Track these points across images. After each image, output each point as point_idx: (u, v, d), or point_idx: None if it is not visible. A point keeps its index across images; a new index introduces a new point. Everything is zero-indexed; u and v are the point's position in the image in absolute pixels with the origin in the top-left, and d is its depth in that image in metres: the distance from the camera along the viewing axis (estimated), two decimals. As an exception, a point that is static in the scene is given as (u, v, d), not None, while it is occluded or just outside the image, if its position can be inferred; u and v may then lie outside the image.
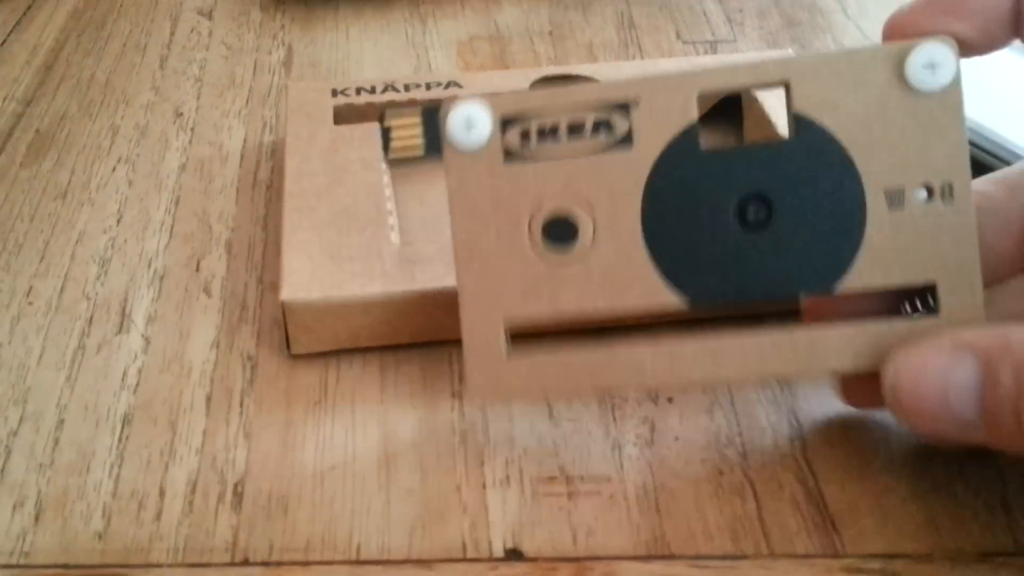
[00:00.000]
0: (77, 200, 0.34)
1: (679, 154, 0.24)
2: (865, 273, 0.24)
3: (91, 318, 0.30)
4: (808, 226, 0.24)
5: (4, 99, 0.40)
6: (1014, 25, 0.23)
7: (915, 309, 0.25)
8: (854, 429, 0.26)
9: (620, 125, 0.24)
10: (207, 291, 0.31)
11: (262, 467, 0.25)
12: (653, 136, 0.24)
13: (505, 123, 0.24)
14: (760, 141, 0.24)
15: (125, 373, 0.28)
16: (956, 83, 0.23)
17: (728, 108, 0.34)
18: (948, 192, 0.23)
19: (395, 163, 0.34)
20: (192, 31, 0.44)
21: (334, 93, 0.35)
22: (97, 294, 0.31)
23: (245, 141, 0.37)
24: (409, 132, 0.31)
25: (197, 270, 0.32)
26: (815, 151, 0.23)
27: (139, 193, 0.35)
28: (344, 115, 0.34)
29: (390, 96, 0.35)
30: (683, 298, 0.24)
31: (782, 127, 0.27)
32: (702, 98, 0.24)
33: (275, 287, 0.30)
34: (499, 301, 0.24)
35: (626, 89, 0.24)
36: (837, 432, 0.26)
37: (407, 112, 0.28)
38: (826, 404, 0.27)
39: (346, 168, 0.31)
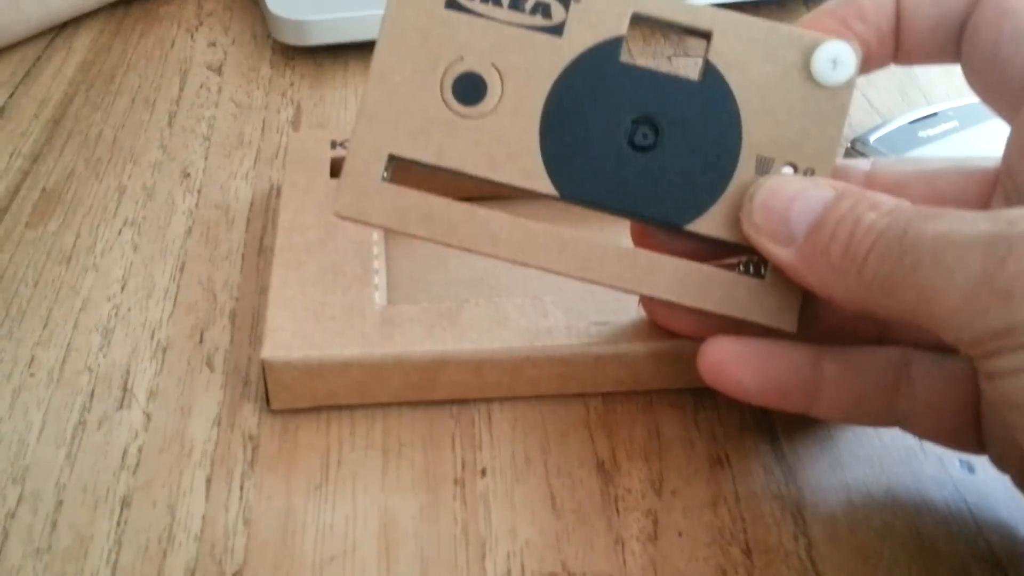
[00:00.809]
0: (82, 265, 0.34)
1: (598, 59, 0.26)
2: (715, 221, 0.26)
3: (92, 391, 0.30)
4: (683, 163, 0.26)
5: (11, 155, 0.40)
6: (894, 45, 0.26)
7: (746, 271, 0.26)
8: (860, 528, 0.26)
9: (557, 13, 0.26)
10: (210, 365, 0.31)
11: (261, 557, 0.25)
12: (582, 35, 0.26)
13: None
14: (674, 74, 0.26)
15: (125, 452, 0.28)
16: (850, 84, 0.25)
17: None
18: (809, 176, 0.25)
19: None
20: (201, 87, 0.44)
21: (333, 145, 0.36)
22: (99, 366, 0.30)
23: (252, 204, 0.37)
24: None
25: (200, 342, 0.31)
26: (713, 99, 0.26)
27: (144, 258, 0.35)
28: (341, 168, 0.35)
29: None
30: (555, 189, 0.26)
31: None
32: (636, 18, 0.26)
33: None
34: (392, 131, 0.26)
35: None
36: (843, 531, 0.26)
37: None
38: (832, 501, 0.27)
39: (337, 224, 0.32)
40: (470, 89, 0.26)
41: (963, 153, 0.38)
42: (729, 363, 0.26)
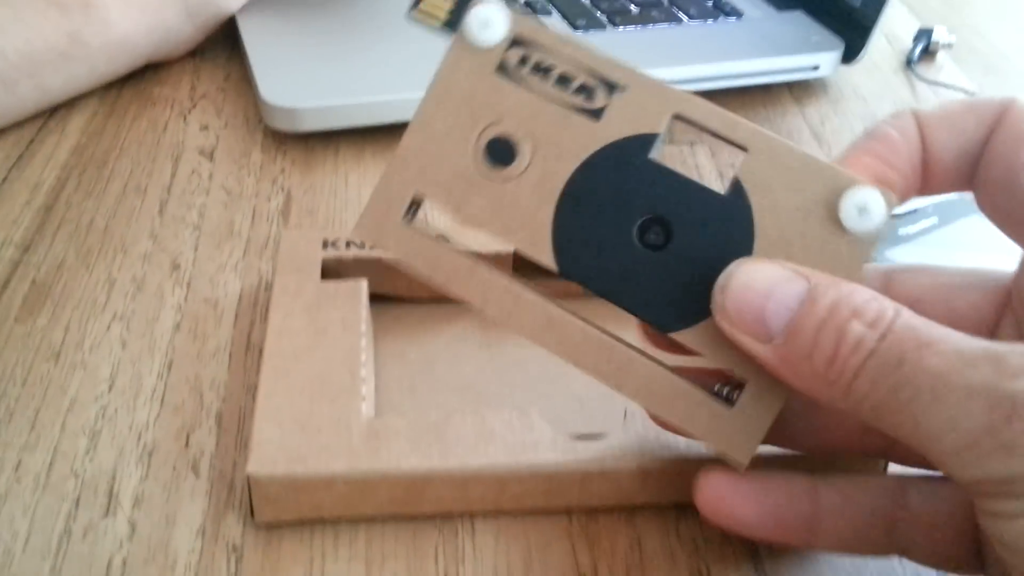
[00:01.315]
0: (70, 362, 0.35)
1: (629, 150, 0.26)
2: (702, 337, 0.25)
3: (78, 498, 0.30)
4: (685, 271, 0.26)
5: (3, 244, 0.40)
6: (922, 178, 0.26)
7: (719, 395, 0.26)
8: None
9: (600, 99, 0.26)
10: (195, 470, 0.31)
11: (243, 678, 0.25)
12: (619, 124, 0.26)
13: (514, 41, 0.26)
14: (699, 182, 0.26)
15: (110, 563, 0.28)
16: (875, 235, 0.24)
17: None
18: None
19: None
20: (193, 173, 0.45)
21: (325, 244, 0.36)
22: (85, 471, 0.31)
23: (240, 298, 0.37)
24: (440, 4, 0.31)
25: (186, 445, 0.32)
26: (732, 217, 0.25)
27: (132, 355, 0.35)
28: (332, 270, 0.35)
29: (378, 252, 0.35)
30: (555, 263, 0.26)
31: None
32: (677, 118, 0.26)
33: (264, 472, 0.30)
34: (421, 174, 0.27)
35: (623, 74, 0.26)
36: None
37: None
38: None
39: (326, 329, 0.32)
40: (501, 152, 0.26)
41: (943, 249, 0.39)
42: (726, 498, 0.26)
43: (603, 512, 0.30)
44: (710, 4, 0.55)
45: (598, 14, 0.54)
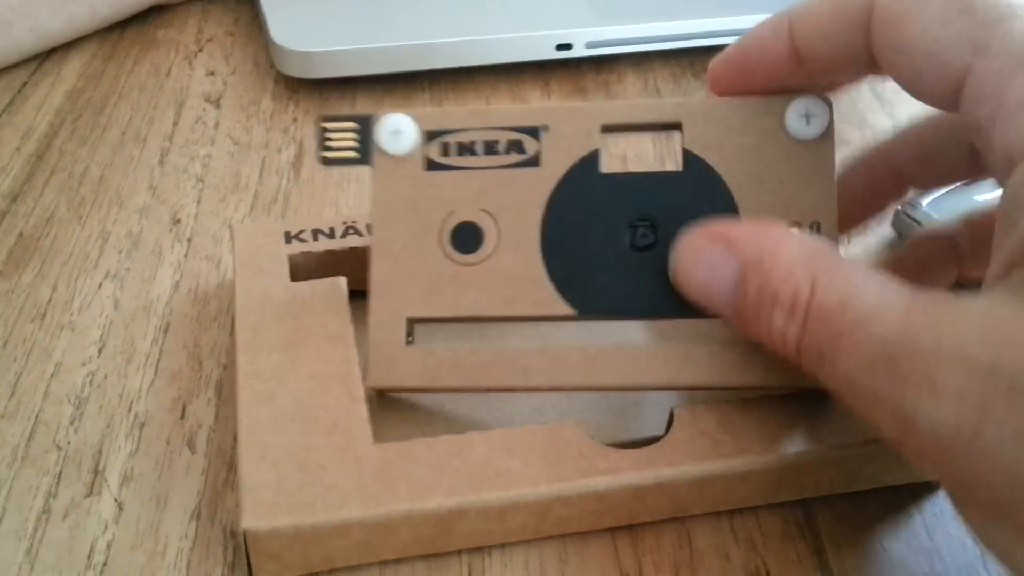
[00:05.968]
0: (57, 323, 0.31)
1: (580, 175, 0.26)
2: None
3: (60, 473, 0.27)
4: None
5: (-11, 193, 0.37)
6: (794, 71, 0.25)
7: None
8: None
9: (530, 146, 0.26)
10: (191, 445, 0.28)
11: None
12: (559, 158, 0.26)
13: (430, 136, 0.26)
14: (652, 171, 0.26)
15: (92, 548, 0.25)
16: (828, 134, 0.25)
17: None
18: (817, 230, 0.25)
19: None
20: (197, 121, 0.41)
21: (288, 238, 0.31)
22: (69, 443, 0.27)
23: (246, 256, 0.34)
24: (344, 141, 0.28)
25: (182, 417, 0.28)
26: (700, 183, 0.26)
27: (125, 317, 0.32)
28: (302, 268, 0.30)
29: (352, 241, 0.31)
30: (571, 309, 0.26)
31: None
32: (606, 129, 0.26)
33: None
34: (405, 298, 0.26)
35: (538, 115, 0.26)
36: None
37: (342, 118, 0.27)
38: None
39: (307, 340, 0.27)
40: (468, 238, 0.26)
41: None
42: None
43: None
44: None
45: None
